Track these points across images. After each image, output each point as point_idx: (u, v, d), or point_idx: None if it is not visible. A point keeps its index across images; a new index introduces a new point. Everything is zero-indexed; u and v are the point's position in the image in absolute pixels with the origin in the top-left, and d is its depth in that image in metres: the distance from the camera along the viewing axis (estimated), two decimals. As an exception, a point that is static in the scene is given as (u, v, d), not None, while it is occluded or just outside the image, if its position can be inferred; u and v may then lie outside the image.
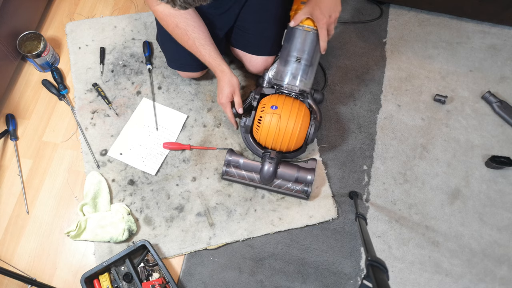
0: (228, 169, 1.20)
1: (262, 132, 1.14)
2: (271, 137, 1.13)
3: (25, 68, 1.41)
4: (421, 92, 1.38)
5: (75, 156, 1.28)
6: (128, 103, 1.35)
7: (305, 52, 1.14)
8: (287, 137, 1.12)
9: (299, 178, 1.17)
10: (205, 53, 1.10)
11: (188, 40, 1.08)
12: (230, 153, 1.21)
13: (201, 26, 1.10)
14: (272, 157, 1.15)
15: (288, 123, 1.10)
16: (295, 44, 1.15)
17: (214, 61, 1.11)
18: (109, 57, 1.41)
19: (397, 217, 1.22)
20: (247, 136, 1.22)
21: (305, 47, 1.14)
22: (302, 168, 1.18)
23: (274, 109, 1.11)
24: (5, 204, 1.22)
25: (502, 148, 1.30)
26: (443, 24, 1.49)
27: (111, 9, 1.51)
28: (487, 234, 1.21)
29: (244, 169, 1.20)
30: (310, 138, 1.14)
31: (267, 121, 1.12)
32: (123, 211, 1.18)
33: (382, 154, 1.30)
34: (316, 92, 1.24)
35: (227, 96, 1.15)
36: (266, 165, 1.15)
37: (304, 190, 1.17)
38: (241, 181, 1.21)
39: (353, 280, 1.16)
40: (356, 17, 1.51)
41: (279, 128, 1.11)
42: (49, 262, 1.17)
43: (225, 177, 1.21)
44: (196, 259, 1.17)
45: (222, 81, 1.14)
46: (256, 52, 1.26)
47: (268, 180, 1.17)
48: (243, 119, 1.17)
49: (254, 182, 1.19)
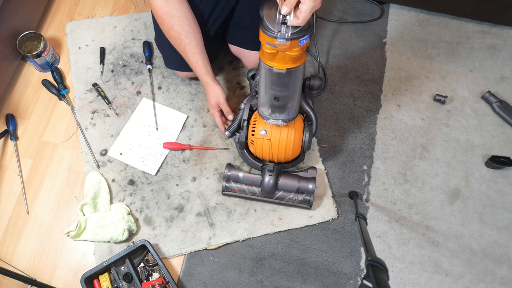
0: (228, 184, 1.18)
1: (257, 150, 1.13)
2: (266, 153, 1.13)
3: (25, 68, 1.41)
4: (421, 92, 1.38)
5: (75, 156, 1.28)
6: (128, 103, 1.35)
7: (281, 90, 0.94)
8: (282, 150, 1.10)
9: (300, 188, 1.16)
10: (193, 61, 1.12)
11: (180, 44, 1.09)
12: (229, 168, 1.19)
13: (196, 33, 1.10)
14: (272, 170, 1.14)
15: (280, 140, 1.08)
16: (269, 81, 0.93)
17: (200, 70, 1.13)
18: (109, 57, 1.41)
19: (397, 217, 1.22)
20: (243, 151, 1.20)
21: (280, 87, 0.93)
22: (303, 178, 1.17)
23: (263, 134, 1.09)
24: (5, 204, 1.22)
25: (502, 148, 1.30)
26: (443, 24, 1.49)
27: (111, 9, 1.51)
28: (487, 234, 1.20)
29: (244, 183, 1.18)
30: (306, 146, 1.11)
31: (259, 145, 1.11)
32: (123, 211, 1.18)
33: (382, 154, 1.30)
34: (313, 78, 1.11)
35: (213, 107, 1.19)
36: (266, 178, 1.13)
37: (306, 200, 1.16)
38: (242, 196, 1.20)
39: (353, 280, 1.16)
40: (356, 17, 1.51)
41: (272, 146, 1.10)
42: (49, 262, 1.17)
43: (226, 192, 1.19)
44: (196, 259, 1.17)
45: (207, 91, 1.18)
46: (252, 47, 1.26)
47: (269, 193, 1.15)
48: (236, 135, 1.15)
49: (255, 195, 1.18)
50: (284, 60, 0.85)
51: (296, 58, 0.85)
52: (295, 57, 0.84)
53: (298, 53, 0.83)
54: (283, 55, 0.84)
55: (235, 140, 1.15)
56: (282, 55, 0.84)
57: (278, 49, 0.82)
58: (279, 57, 0.85)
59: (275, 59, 0.86)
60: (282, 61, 0.86)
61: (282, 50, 0.82)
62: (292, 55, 0.83)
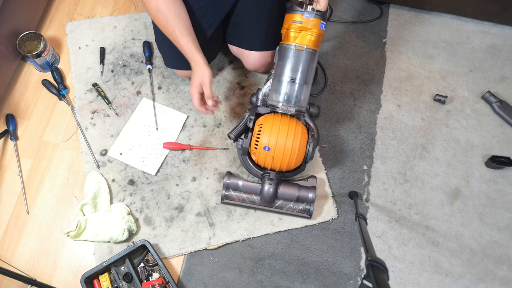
0: (227, 192, 1.17)
1: (260, 157, 1.13)
2: (269, 161, 1.12)
3: (25, 68, 1.41)
4: (421, 92, 1.38)
5: (75, 156, 1.28)
6: (128, 103, 1.35)
7: (298, 71, 1.09)
8: (285, 159, 1.10)
9: (300, 197, 1.16)
10: (183, 43, 1.09)
11: (168, 27, 1.07)
12: (229, 176, 1.19)
13: (183, 14, 1.08)
14: (272, 178, 1.13)
15: (285, 148, 1.08)
16: (288, 63, 1.09)
17: (190, 51, 1.09)
18: (109, 57, 1.41)
19: (397, 217, 1.22)
20: (245, 158, 1.19)
21: (299, 66, 1.09)
22: (303, 187, 1.17)
23: (267, 150, 1.09)
24: (5, 204, 1.22)
25: (502, 148, 1.30)
26: (443, 24, 1.49)
27: (111, 9, 1.51)
28: (487, 234, 1.20)
29: (244, 191, 1.18)
30: (309, 156, 1.11)
31: (261, 156, 1.11)
32: (123, 211, 1.18)
33: (382, 154, 1.30)
34: (312, 106, 1.20)
35: (196, 86, 1.11)
36: (266, 186, 1.13)
37: (307, 209, 1.16)
38: (241, 204, 1.19)
39: (353, 280, 1.16)
40: (356, 17, 1.51)
41: (275, 157, 1.10)
42: (49, 262, 1.17)
43: (225, 201, 1.19)
44: (196, 259, 1.17)
45: (194, 71, 1.12)
46: (252, 47, 1.25)
47: (269, 201, 1.15)
48: (239, 141, 1.13)
49: (254, 204, 1.18)
50: (305, 40, 1.08)
51: (314, 40, 1.08)
52: (313, 39, 1.08)
53: (316, 34, 1.07)
54: (304, 35, 1.07)
55: (237, 146, 1.14)
56: (304, 35, 1.07)
57: (302, 25, 1.06)
58: (301, 36, 1.07)
59: (297, 39, 1.08)
60: (303, 41, 1.08)
61: (306, 27, 1.06)
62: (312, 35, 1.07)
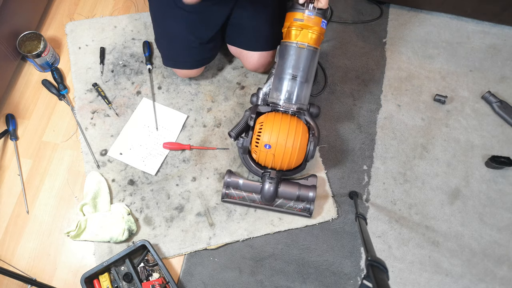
0: (227, 191, 1.18)
1: (260, 158, 1.13)
2: (269, 162, 1.12)
3: (25, 68, 1.41)
4: (421, 92, 1.38)
5: (75, 156, 1.28)
6: (128, 103, 1.35)
7: (300, 69, 1.10)
8: (286, 157, 1.10)
9: (300, 196, 1.16)
10: None
11: None
12: (229, 175, 1.19)
13: None
14: (272, 177, 1.14)
15: (286, 147, 1.08)
16: (289, 61, 1.10)
17: None
18: (109, 57, 1.41)
19: (397, 217, 1.22)
20: (245, 156, 1.19)
21: (300, 64, 1.10)
22: (303, 186, 1.17)
23: (268, 148, 1.09)
24: (5, 204, 1.22)
25: (502, 148, 1.30)
26: (443, 24, 1.49)
27: (111, 9, 1.51)
28: (487, 234, 1.21)
29: (244, 190, 1.18)
30: (310, 155, 1.11)
31: (262, 155, 1.11)
32: (123, 211, 1.18)
33: (382, 154, 1.30)
34: (312, 106, 1.20)
35: None
36: (267, 185, 1.13)
37: (307, 208, 1.16)
38: (241, 203, 1.19)
39: (353, 280, 1.16)
40: (356, 17, 1.51)
41: (276, 156, 1.10)
42: (49, 262, 1.17)
43: (225, 199, 1.19)
44: (196, 259, 1.17)
45: None
46: (251, 48, 1.25)
47: (269, 200, 1.15)
48: (240, 139, 1.13)
49: (255, 202, 1.18)
50: (306, 38, 1.08)
51: (315, 38, 1.09)
52: (315, 37, 1.09)
53: (318, 32, 1.08)
54: (306, 33, 1.08)
55: (238, 144, 1.14)
56: (305, 33, 1.08)
57: (304, 23, 1.07)
58: (303, 34, 1.08)
59: (299, 36, 1.08)
60: (305, 39, 1.08)
61: (307, 24, 1.07)
62: (313, 33, 1.08)
